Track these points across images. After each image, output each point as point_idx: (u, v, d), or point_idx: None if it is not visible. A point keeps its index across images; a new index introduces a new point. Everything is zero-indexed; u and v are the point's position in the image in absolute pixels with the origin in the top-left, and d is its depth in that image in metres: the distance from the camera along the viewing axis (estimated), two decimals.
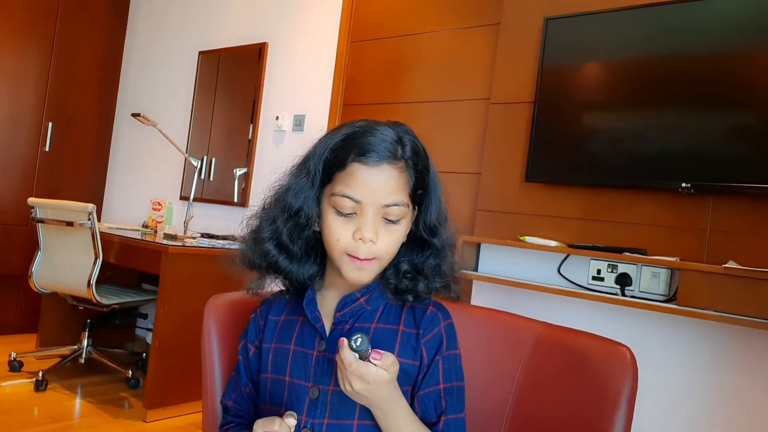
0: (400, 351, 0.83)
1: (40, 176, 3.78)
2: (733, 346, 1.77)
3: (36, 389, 2.76)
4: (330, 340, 0.85)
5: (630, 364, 0.91)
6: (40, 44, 3.72)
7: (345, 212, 0.80)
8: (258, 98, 3.33)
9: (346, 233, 0.80)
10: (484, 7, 2.52)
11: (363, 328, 0.85)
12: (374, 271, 0.83)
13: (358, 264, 0.80)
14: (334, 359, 0.82)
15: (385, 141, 0.80)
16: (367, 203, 0.79)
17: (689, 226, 1.88)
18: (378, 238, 0.80)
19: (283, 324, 0.91)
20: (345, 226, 0.81)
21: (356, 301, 0.86)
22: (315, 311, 0.87)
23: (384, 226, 0.81)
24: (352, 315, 0.86)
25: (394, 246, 0.83)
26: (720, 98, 1.81)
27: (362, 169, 0.79)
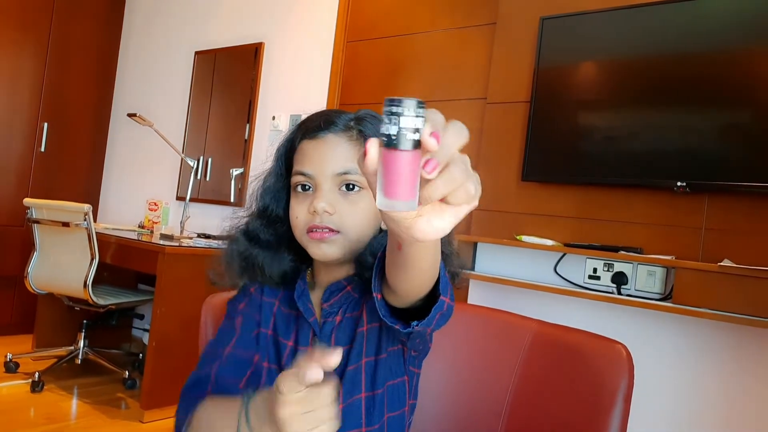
0: (385, 345, 0.79)
1: (35, 177, 3.76)
2: (728, 344, 1.78)
3: (32, 390, 2.76)
4: (322, 335, 0.82)
5: (626, 362, 0.92)
6: (36, 44, 3.71)
7: (301, 190, 0.80)
8: (254, 98, 3.33)
9: (303, 210, 0.79)
10: (480, 7, 2.52)
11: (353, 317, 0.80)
12: (341, 246, 0.78)
13: (318, 236, 0.77)
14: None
15: (333, 116, 0.80)
16: (318, 175, 0.79)
17: (684, 224, 1.89)
18: (335, 209, 0.78)
19: (279, 313, 0.87)
20: (302, 203, 0.80)
21: (343, 289, 0.83)
22: (307, 303, 0.84)
23: (343, 198, 0.79)
24: (341, 305, 0.82)
25: (358, 218, 0.78)
26: (715, 97, 1.82)
27: (309, 144, 0.80)
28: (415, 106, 0.41)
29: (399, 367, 0.81)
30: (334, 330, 0.82)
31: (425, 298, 0.64)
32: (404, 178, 0.42)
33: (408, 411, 0.83)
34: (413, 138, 0.41)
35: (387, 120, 0.41)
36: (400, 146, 0.41)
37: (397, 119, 0.41)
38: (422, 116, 0.42)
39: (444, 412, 1.04)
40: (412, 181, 0.42)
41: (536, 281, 2.11)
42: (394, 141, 0.41)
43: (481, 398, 1.03)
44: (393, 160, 0.41)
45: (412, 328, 0.64)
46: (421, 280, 0.59)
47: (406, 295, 0.63)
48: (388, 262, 0.60)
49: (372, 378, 0.79)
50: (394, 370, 0.81)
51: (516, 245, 2.09)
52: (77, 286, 2.73)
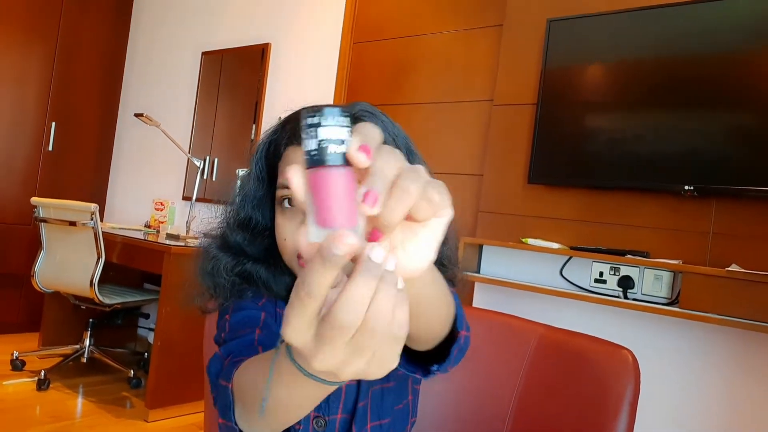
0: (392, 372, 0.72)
1: (43, 176, 3.79)
2: (736, 349, 1.77)
3: (38, 388, 2.77)
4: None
5: (632, 368, 0.91)
6: (44, 45, 3.73)
7: (288, 204, 0.68)
8: (260, 99, 3.34)
9: (291, 229, 0.67)
10: (487, 9, 2.52)
11: None
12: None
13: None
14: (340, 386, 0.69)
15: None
16: None
17: (692, 228, 1.88)
18: None
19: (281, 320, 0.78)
20: (290, 223, 0.67)
21: None
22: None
23: None
24: None
25: None
26: (723, 101, 1.81)
27: (297, 152, 0.67)
28: (337, 114, 0.35)
29: (404, 390, 0.77)
30: None
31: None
32: (337, 201, 0.34)
33: (409, 429, 0.81)
34: (338, 151, 0.34)
35: (306, 135, 0.35)
36: (325, 162, 0.34)
37: (314, 131, 0.34)
38: (347, 126, 0.35)
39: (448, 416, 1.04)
40: (349, 203, 0.34)
41: (542, 284, 2.10)
42: (315, 157, 0.34)
43: (486, 403, 1.02)
44: (319, 180, 0.34)
45: (433, 374, 0.57)
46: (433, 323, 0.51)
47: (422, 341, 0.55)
48: None
49: (379, 407, 0.73)
50: (401, 395, 0.76)
51: (522, 248, 2.08)
52: (83, 285, 2.74)
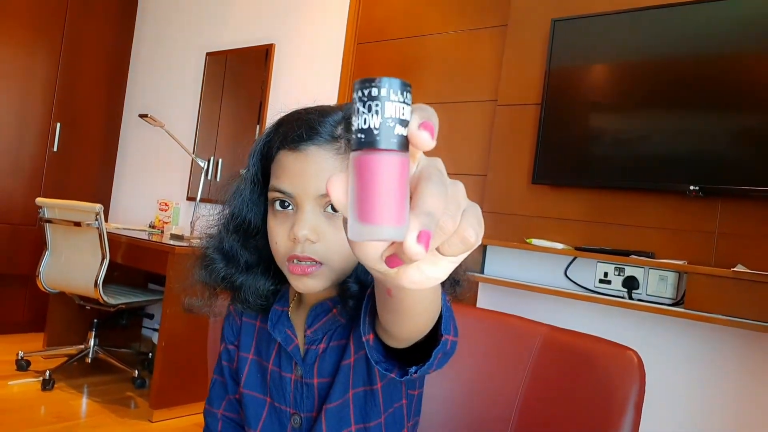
0: (381, 375, 0.71)
1: (48, 176, 3.80)
2: (741, 350, 1.76)
3: (43, 388, 2.78)
4: (306, 364, 0.74)
5: (637, 369, 0.91)
6: (49, 46, 3.75)
7: (280, 209, 0.68)
8: (265, 99, 3.34)
9: (282, 234, 0.68)
10: (491, 9, 2.52)
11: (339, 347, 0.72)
12: (325, 278, 0.68)
13: (300, 271, 0.67)
14: (314, 385, 0.73)
15: (316, 121, 0.67)
16: (300, 195, 0.66)
17: (697, 229, 1.87)
18: (319, 236, 0.66)
19: (261, 333, 0.80)
20: (282, 226, 0.68)
21: (328, 311, 0.73)
22: (285, 330, 0.75)
23: (328, 220, 0.67)
24: (325, 331, 0.73)
25: (343, 245, 0.67)
26: (729, 100, 1.80)
27: (288, 156, 0.67)
28: (401, 88, 0.30)
29: (397, 393, 0.74)
30: (317, 359, 0.73)
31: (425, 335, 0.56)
32: (391, 194, 0.29)
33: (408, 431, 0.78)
34: (400, 134, 0.30)
35: (363, 109, 0.29)
36: (383, 144, 0.29)
37: (379, 105, 0.29)
38: (409, 103, 0.31)
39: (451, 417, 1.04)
40: (401, 197, 0.29)
41: (546, 285, 2.10)
42: (376, 138, 0.29)
43: (490, 404, 1.02)
44: (374, 166, 0.29)
45: (410, 376, 0.56)
46: (419, 323, 0.51)
47: (404, 339, 0.55)
48: (379, 306, 0.51)
49: (363, 410, 0.71)
50: (393, 397, 0.73)
51: (526, 248, 2.08)
52: (88, 285, 2.75)
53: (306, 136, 0.66)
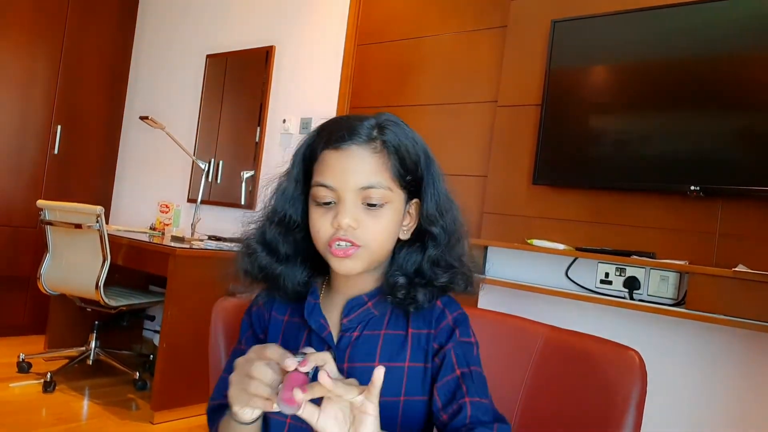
0: (411, 357, 0.80)
1: (48, 179, 3.80)
2: (743, 350, 1.76)
3: (44, 390, 2.78)
4: (339, 348, 0.81)
5: (638, 369, 0.91)
6: (49, 48, 3.75)
7: (323, 201, 0.78)
8: (265, 101, 3.34)
9: (325, 223, 0.77)
10: (491, 10, 2.52)
11: (372, 336, 0.81)
12: (363, 260, 0.78)
13: (342, 254, 0.76)
14: (344, 369, 0.79)
15: (355, 125, 0.78)
16: (342, 188, 0.76)
17: (698, 229, 1.87)
18: (359, 223, 0.76)
19: (289, 326, 0.86)
20: (325, 216, 0.78)
21: (363, 305, 0.82)
22: (320, 319, 0.83)
23: (366, 212, 0.77)
24: (360, 321, 0.82)
25: (380, 233, 0.78)
26: (729, 101, 1.80)
27: (332, 155, 0.77)
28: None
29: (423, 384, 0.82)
30: (350, 345, 0.81)
31: None
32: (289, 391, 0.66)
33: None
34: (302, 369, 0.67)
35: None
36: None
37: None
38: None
39: None
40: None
41: (547, 286, 2.09)
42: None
43: None
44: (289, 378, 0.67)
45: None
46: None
47: None
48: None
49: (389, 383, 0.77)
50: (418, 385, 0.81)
51: (527, 249, 2.08)
52: (89, 287, 2.75)
53: (347, 136, 0.76)
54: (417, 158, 0.81)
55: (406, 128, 0.81)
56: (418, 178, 0.81)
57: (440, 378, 0.80)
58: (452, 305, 0.85)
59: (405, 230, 0.83)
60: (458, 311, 0.84)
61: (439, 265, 0.82)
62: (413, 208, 0.83)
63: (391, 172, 0.78)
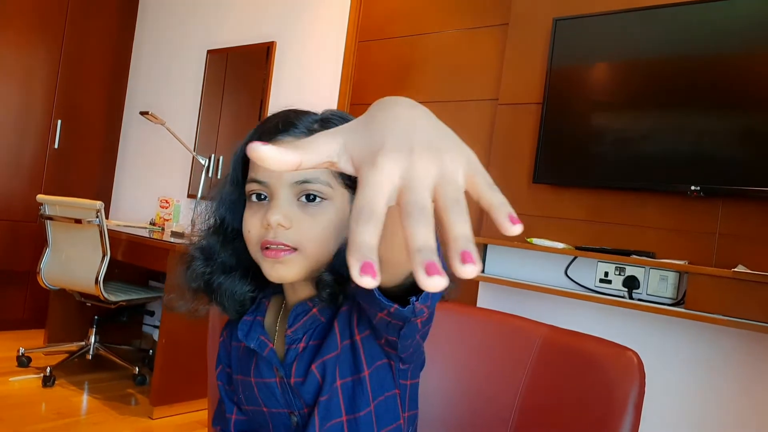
0: (368, 360, 0.71)
1: (48, 173, 3.80)
2: (741, 350, 1.76)
3: (43, 385, 2.78)
4: (285, 365, 0.74)
5: (637, 369, 0.91)
6: (50, 43, 3.74)
7: (256, 198, 0.70)
8: (265, 97, 3.34)
9: (256, 222, 0.69)
10: (492, 8, 2.51)
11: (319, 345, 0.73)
12: (299, 266, 0.69)
13: (272, 255, 0.68)
14: (296, 383, 0.73)
15: (294, 117, 0.70)
16: (274, 183, 0.68)
17: (698, 229, 1.87)
18: (292, 222, 0.68)
19: (243, 352, 0.80)
20: (256, 215, 0.70)
21: (308, 312, 0.74)
22: (258, 336, 0.76)
23: (302, 209, 0.69)
24: (306, 330, 0.74)
25: (318, 234, 0.69)
26: (730, 100, 1.80)
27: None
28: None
29: (388, 381, 0.73)
30: (297, 358, 0.73)
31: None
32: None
33: (405, 423, 0.77)
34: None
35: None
36: None
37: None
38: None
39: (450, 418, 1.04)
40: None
41: (546, 284, 2.10)
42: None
43: (488, 404, 1.02)
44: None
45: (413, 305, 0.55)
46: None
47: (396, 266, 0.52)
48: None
49: (351, 400, 0.71)
50: (384, 385, 0.73)
51: (526, 248, 2.08)
52: (89, 282, 2.75)
53: (282, 127, 0.69)
54: None
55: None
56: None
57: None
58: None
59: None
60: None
61: None
62: None
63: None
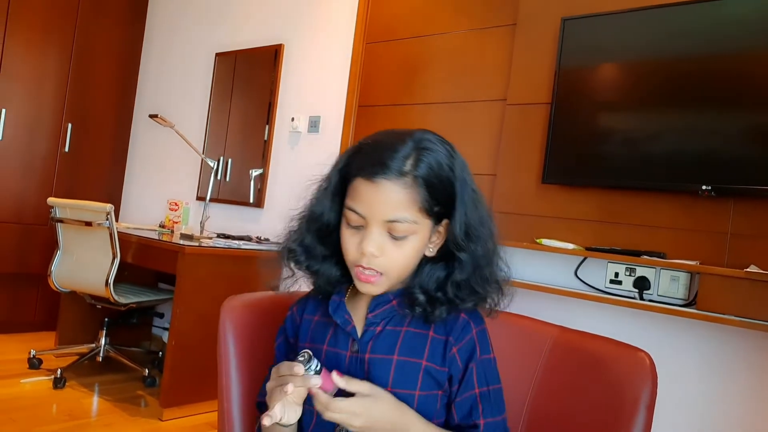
0: (429, 356, 0.85)
1: (59, 176, 3.83)
2: (754, 352, 1.74)
3: (54, 387, 2.80)
4: (362, 342, 0.86)
5: (649, 371, 0.90)
6: (60, 47, 3.77)
7: (353, 224, 0.82)
8: (274, 100, 3.35)
9: (353, 245, 0.82)
10: (500, 8, 2.50)
11: (394, 331, 0.86)
12: (385, 285, 0.84)
13: (364, 279, 0.82)
14: (365, 359, 0.85)
15: (388, 156, 0.79)
16: (370, 218, 0.80)
17: (709, 229, 1.85)
18: (383, 252, 0.81)
19: (317, 324, 0.92)
20: (353, 238, 0.83)
21: (389, 302, 0.87)
22: (344, 315, 0.89)
23: (391, 241, 0.81)
24: (384, 317, 0.87)
25: (402, 261, 0.83)
26: (741, 99, 1.78)
27: (363, 184, 0.80)
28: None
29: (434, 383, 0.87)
30: (372, 338, 0.86)
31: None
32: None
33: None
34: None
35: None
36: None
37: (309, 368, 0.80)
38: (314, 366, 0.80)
39: None
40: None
41: (556, 285, 2.08)
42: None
43: None
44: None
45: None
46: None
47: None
48: None
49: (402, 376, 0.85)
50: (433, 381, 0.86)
51: (536, 248, 2.07)
52: (99, 284, 2.76)
53: (380, 170, 0.79)
54: (449, 185, 0.82)
55: (441, 152, 0.83)
56: (448, 205, 0.83)
57: (459, 394, 0.85)
58: (476, 318, 0.88)
59: (431, 248, 0.86)
60: (481, 326, 0.88)
61: (463, 289, 0.85)
62: (444, 226, 0.86)
63: (420, 205, 0.80)
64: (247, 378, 1.05)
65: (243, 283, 2.75)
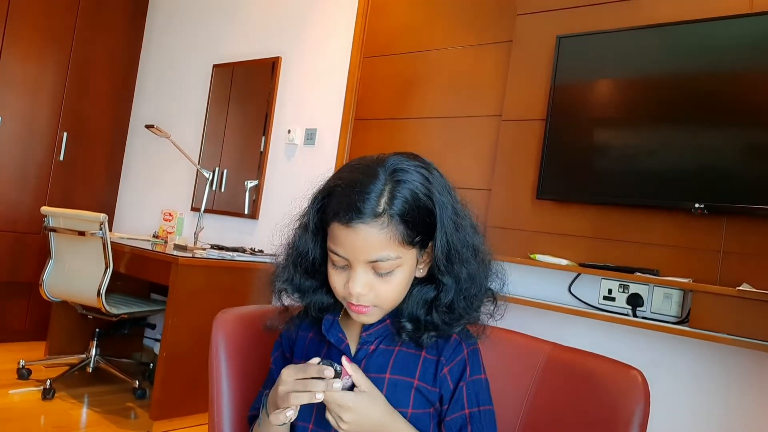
0: (420, 376, 0.85)
1: (53, 185, 3.82)
2: (747, 370, 1.74)
3: (43, 398, 2.77)
4: (356, 360, 0.87)
5: (642, 388, 0.90)
6: (58, 56, 3.78)
7: (338, 265, 0.83)
8: (270, 111, 3.36)
9: (340, 283, 0.83)
10: (496, 25, 2.53)
11: (387, 350, 0.87)
12: (377, 315, 0.85)
13: (356, 310, 0.83)
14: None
15: (360, 199, 0.78)
16: (353, 260, 0.80)
17: (702, 247, 1.86)
18: (371, 289, 0.81)
19: (311, 341, 0.93)
20: (340, 276, 0.83)
21: (383, 322, 0.88)
22: (338, 333, 0.89)
23: (377, 278, 0.81)
24: (378, 336, 0.88)
25: (392, 294, 0.83)
26: (734, 118, 1.80)
27: (340, 229, 0.79)
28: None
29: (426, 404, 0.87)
30: (366, 357, 0.87)
31: None
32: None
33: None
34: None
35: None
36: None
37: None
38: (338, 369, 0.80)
39: None
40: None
41: (550, 301, 2.09)
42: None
43: None
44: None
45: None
46: None
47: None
48: None
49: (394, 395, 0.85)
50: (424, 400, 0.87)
51: (530, 264, 2.07)
52: (91, 294, 2.75)
53: (355, 216, 0.78)
54: (427, 215, 0.81)
55: (416, 181, 0.81)
56: (430, 232, 0.82)
57: (449, 413, 0.85)
58: (468, 338, 0.89)
59: (421, 269, 0.86)
60: (473, 346, 0.88)
61: (451, 311, 0.85)
62: (430, 248, 0.85)
63: (400, 239, 0.79)
64: (239, 391, 1.05)
65: (236, 294, 2.74)
